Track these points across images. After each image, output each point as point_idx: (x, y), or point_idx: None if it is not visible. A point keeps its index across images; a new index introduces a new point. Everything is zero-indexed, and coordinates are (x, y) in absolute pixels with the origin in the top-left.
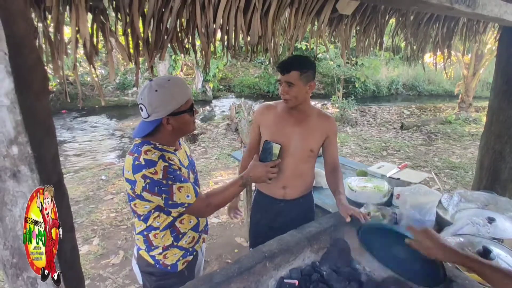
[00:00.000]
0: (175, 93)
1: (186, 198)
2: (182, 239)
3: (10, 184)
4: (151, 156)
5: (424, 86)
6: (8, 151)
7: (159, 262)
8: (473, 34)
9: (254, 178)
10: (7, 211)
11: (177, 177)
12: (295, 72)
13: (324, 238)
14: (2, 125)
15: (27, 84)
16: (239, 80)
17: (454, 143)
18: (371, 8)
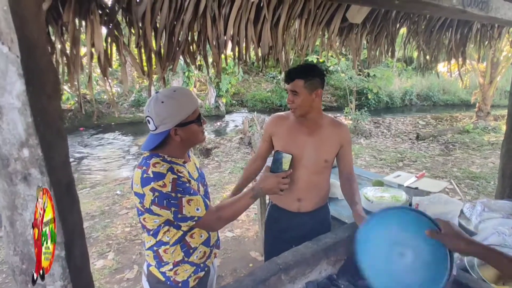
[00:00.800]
0: (182, 103)
1: (196, 212)
2: (193, 254)
3: (21, 187)
4: (159, 169)
5: (439, 96)
6: (19, 154)
7: (169, 279)
8: (488, 40)
9: (266, 189)
10: (17, 216)
11: (186, 189)
12: (299, 81)
13: (341, 249)
14: (14, 127)
15: (39, 86)
16: (252, 94)
17: (474, 153)
18: (381, 16)
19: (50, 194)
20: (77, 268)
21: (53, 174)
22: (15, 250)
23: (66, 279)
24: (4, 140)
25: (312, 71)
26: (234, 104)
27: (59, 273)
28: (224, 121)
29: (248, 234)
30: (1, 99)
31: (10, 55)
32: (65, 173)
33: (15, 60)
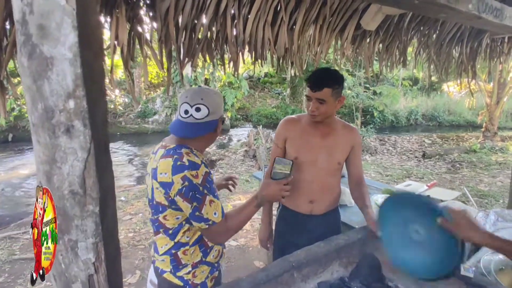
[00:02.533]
0: (222, 100)
1: (213, 216)
2: (210, 254)
3: (62, 140)
4: (194, 159)
5: (445, 116)
6: (65, 105)
7: (188, 283)
8: (497, 55)
9: (268, 196)
10: (56, 169)
11: (212, 189)
12: (328, 90)
13: (353, 251)
14: (63, 78)
15: (89, 42)
16: (257, 110)
17: (481, 171)
18: (394, 25)
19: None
20: (108, 229)
21: (94, 128)
22: None
23: (98, 236)
24: (52, 91)
25: (338, 78)
26: (239, 118)
27: (92, 229)
28: (229, 135)
29: (253, 243)
30: (53, 50)
31: (67, 7)
32: (104, 132)
33: (71, 13)
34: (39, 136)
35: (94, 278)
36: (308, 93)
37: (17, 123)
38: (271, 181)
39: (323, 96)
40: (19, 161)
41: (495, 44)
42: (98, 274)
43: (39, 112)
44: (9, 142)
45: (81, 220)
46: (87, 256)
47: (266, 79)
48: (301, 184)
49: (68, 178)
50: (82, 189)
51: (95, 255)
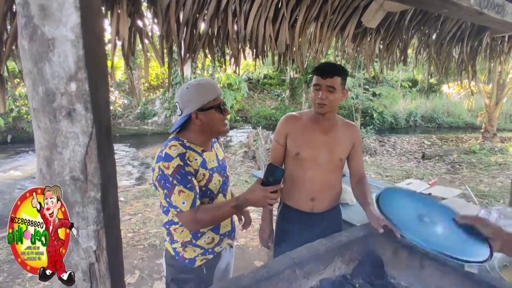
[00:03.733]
0: (204, 89)
1: (182, 205)
2: (201, 238)
3: (64, 124)
4: (171, 152)
5: (444, 118)
6: (66, 88)
7: (178, 255)
8: (497, 55)
9: (251, 201)
10: (56, 155)
11: (184, 180)
12: (338, 78)
13: (355, 249)
14: (64, 60)
15: (91, 24)
16: (256, 111)
17: (481, 172)
18: (394, 23)
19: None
20: (110, 216)
21: (96, 113)
22: None
23: (100, 224)
24: (53, 74)
25: (345, 70)
26: (238, 120)
27: (93, 216)
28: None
29: (253, 243)
30: (55, 31)
31: None
32: (106, 116)
33: None
34: (40, 121)
35: (95, 266)
36: (318, 81)
37: (16, 124)
38: (258, 187)
39: (334, 83)
40: (18, 162)
41: (495, 43)
42: (100, 262)
43: (40, 95)
44: (8, 144)
45: (82, 207)
46: (88, 244)
47: (265, 81)
48: (302, 182)
49: (69, 163)
50: (83, 174)
51: (96, 243)
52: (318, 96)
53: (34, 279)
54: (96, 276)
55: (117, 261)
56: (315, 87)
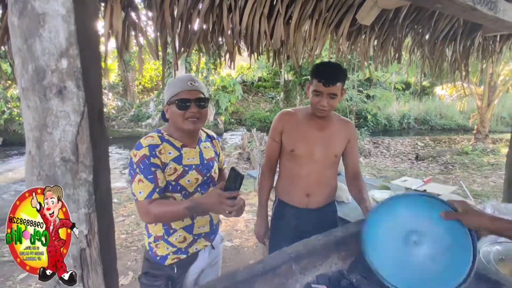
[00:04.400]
0: (172, 83)
1: (138, 193)
2: (173, 235)
3: (54, 103)
4: (144, 141)
5: (436, 120)
6: (57, 64)
7: (152, 250)
8: (490, 55)
9: (205, 206)
10: (46, 135)
11: (146, 170)
12: (340, 84)
13: (352, 244)
14: (55, 35)
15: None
16: (250, 113)
17: (474, 172)
18: (389, 21)
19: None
20: (102, 200)
21: (89, 91)
22: (40, 174)
23: (91, 207)
24: (44, 50)
25: (345, 71)
26: (232, 122)
27: (84, 199)
28: (223, 139)
29: (248, 244)
30: (45, 6)
31: None
32: (98, 96)
33: None
34: (29, 100)
35: (86, 252)
36: (319, 88)
37: (8, 126)
38: (214, 191)
39: (336, 91)
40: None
41: (487, 43)
42: (91, 248)
43: (30, 74)
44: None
45: (73, 189)
46: (79, 228)
47: (259, 83)
48: (298, 177)
49: (59, 144)
50: (75, 156)
51: (87, 227)
52: (320, 103)
53: (25, 281)
54: (87, 262)
55: (110, 247)
56: (316, 93)
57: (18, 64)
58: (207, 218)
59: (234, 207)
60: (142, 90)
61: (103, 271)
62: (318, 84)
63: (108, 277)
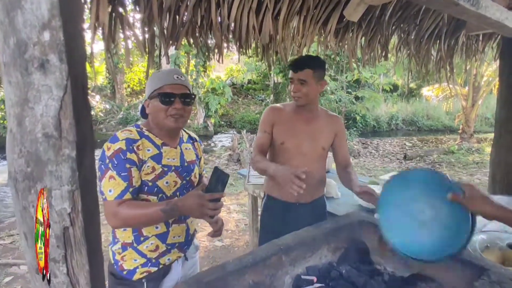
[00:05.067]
0: (156, 76)
1: (108, 192)
2: (143, 243)
3: (36, 77)
4: (120, 134)
5: (424, 121)
6: (39, 37)
7: (117, 263)
8: (473, 54)
9: (183, 209)
10: (28, 111)
11: (119, 167)
12: (309, 70)
13: (341, 236)
14: (37, 7)
15: None
16: (240, 116)
17: (460, 171)
18: (375, 19)
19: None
20: (86, 178)
21: (72, 64)
22: (21, 151)
23: (75, 184)
24: (25, 22)
25: (319, 61)
26: (222, 125)
27: (67, 175)
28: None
29: (238, 243)
30: None
31: None
32: (82, 69)
33: None
34: (10, 76)
35: (69, 231)
36: (291, 75)
37: None
38: (193, 193)
39: (304, 77)
40: None
41: (470, 42)
42: (74, 227)
43: (11, 48)
44: None
45: (55, 166)
46: (62, 206)
47: (249, 86)
48: None
49: (41, 119)
50: (57, 131)
51: (71, 205)
52: (292, 90)
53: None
54: (71, 242)
55: (94, 226)
56: (290, 81)
57: (0, 40)
58: (183, 227)
59: (216, 210)
60: (130, 92)
61: (87, 251)
62: (290, 71)
63: (93, 257)
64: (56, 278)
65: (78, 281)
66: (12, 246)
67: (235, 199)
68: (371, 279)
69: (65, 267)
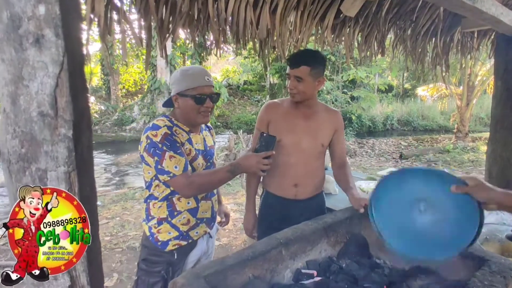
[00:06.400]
0: (188, 75)
1: (174, 169)
2: (177, 217)
3: (31, 53)
4: (159, 122)
5: (419, 121)
6: (34, 11)
7: (153, 236)
8: (468, 51)
9: (244, 167)
10: (22, 88)
11: (173, 146)
12: (305, 67)
13: (340, 230)
14: None
15: None
16: (237, 117)
17: (456, 169)
18: (372, 15)
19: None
20: (83, 159)
21: (69, 40)
22: (15, 131)
23: (72, 164)
24: None
25: (318, 58)
26: (218, 125)
27: (63, 156)
28: None
29: (236, 242)
30: None
31: None
32: (79, 46)
33: None
34: (4, 52)
35: None
36: (288, 71)
37: None
38: (251, 153)
39: (300, 74)
40: None
41: (466, 39)
42: None
43: (4, 22)
44: None
45: (51, 146)
46: (57, 187)
47: (245, 87)
48: (285, 167)
49: (36, 97)
50: (53, 110)
51: (67, 187)
52: (289, 86)
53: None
54: None
55: (91, 210)
56: (287, 76)
57: None
58: (209, 204)
59: (268, 166)
60: (125, 94)
61: None
62: (288, 68)
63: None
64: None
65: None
66: (5, 248)
67: (232, 199)
68: (371, 272)
69: None
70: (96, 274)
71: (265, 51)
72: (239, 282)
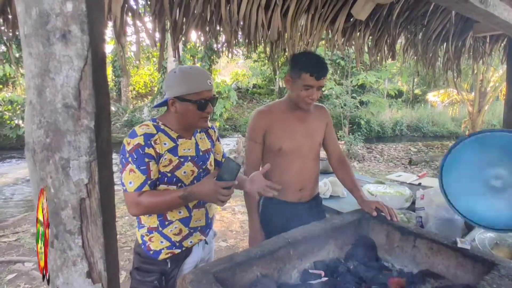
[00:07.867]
0: (188, 79)
1: (128, 184)
2: (168, 227)
3: (57, 47)
4: (138, 129)
5: (429, 127)
6: (62, 8)
7: (145, 244)
8: (480, 56)
9: (200, 195)
10: (48, 81)
11: (139, 161)
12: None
13: (348, 232)
14: None
15: None
16: (245, 120)
17: None
18: (383, 18)
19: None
20: (103, 150)
21: (93, 35)
22: (40, 122)
23: (92, 155)
24: None
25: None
26: (227, 128)
27: (85, 146)
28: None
29: (242, 244)
30: None
31: None
32: (101, 42)
33: None
34: (31, 46)
35: (86, 202)
36: (311, 82)
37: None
38: (209, 180)
39: (324, 82)
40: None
41: (477, 44)
42: (91, 198)
43: (33, 19)
44: None
45: (74, 136)
46: (79, 176)
47: (254, 90)
48: (289, 175)
49: (61, 89)
50: (77, 101)
51: (88, 176)
52: (310, 97)
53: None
54: (87, 213)
55: (109, 199)
56: (307, 87)
57: (22, 11)
58: (202, 211)
59: (228, 197)
60: (136, 95)
61: (102, 223)
62: (310, 78)
63: (107, 230)
64: (71, 251)
65: (93, 253)
66: (17, 244)
67: (240, 201)
68: (379, 274)
69: (81, 239)
70: (112, 261)
71: (275, 54)
72: (247, 280)
